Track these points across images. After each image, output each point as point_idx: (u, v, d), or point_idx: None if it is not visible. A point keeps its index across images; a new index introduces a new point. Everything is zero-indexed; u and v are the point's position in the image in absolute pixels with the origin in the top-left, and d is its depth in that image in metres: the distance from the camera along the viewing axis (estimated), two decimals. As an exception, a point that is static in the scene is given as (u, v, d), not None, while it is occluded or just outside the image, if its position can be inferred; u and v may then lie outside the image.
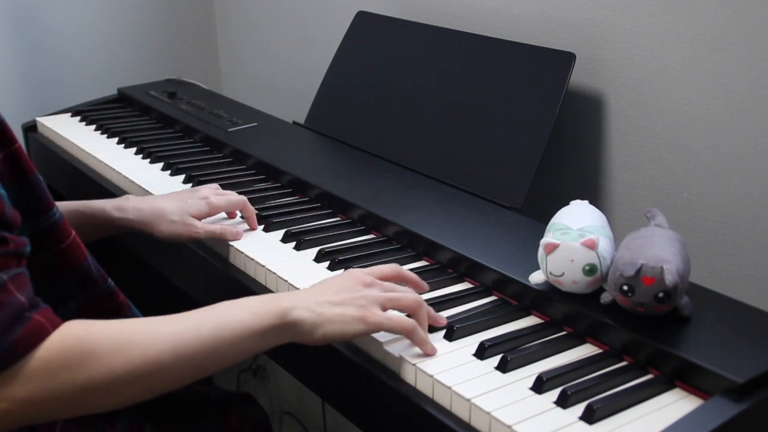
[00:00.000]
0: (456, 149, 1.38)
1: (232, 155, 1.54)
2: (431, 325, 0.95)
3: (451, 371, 0.87)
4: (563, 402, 0.81)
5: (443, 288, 1.05)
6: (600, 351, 0.91)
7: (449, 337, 0.93)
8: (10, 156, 0.87)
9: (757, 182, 1.13)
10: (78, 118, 1.82)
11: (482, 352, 0.90)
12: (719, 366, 0.81)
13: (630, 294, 0.88)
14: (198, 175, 1.43)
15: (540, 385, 0.84)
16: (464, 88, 1.41)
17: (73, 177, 1.62)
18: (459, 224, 1.17)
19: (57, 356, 0.77)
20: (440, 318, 0.96)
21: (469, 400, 0.82)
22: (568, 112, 1.34)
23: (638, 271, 0.87)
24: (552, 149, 1.32)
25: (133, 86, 1.95)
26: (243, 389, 2.12)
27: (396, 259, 1.11)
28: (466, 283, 1.07)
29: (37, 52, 2.01)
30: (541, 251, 0.94)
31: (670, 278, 0.86)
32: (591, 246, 0.91)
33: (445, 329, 0.94)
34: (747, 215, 1.15)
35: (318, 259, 1.13)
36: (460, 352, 0.91)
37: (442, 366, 0.88)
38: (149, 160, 1.54)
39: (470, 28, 1.48)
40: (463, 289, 1.05)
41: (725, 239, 1.18)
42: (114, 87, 1.97)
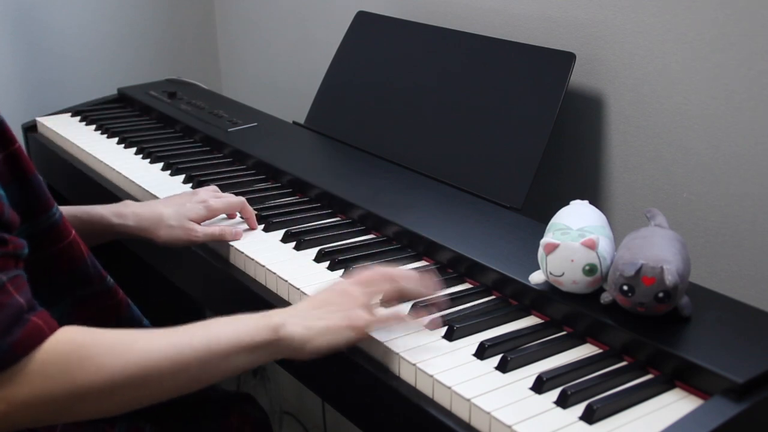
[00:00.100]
0: (456, 149, 1.38)
1: (232, 155, 1.54)
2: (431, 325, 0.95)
3: (451, 371, 0.87)
4: (563, 402, 0.81)
5: (443, 288, 1.05)
6: (600, 351, 0.91)
7: (449, 337, 0.93)
8: (10, 156, 0.87)
9: (757, 182, 1.13)
10: (78, 118, 1.82)
11: (482, 352, 0.90)
12: (719, 366, 0.81)
13: (630, 294, 0.88)
14: (198, 175, 1.43)
15: (540, 385, 0.84)
16: (464, 88, 1.41)
17: (73, 177, 1.62)
18: (459, 224, 1.17)
19: (55, 359, 0.77)
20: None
21: (469, 400, 0.82)
22: (568, 112, 1.34)
23: (638, 271, 0.87)
24: (552, 149, 1.32)
25: (133, 86, 1.95)
26: (243, 389, 2.12)
27: (396, 259, 1.12)
28: (466, 283, 1.07)
29: (37, 52, 2.01)
30: (541, 251, 0.94)
31: (670, 278, 0.86)
32: (591, 246, 0.91)
33: (446, 328, 0.94)
34: (747, 215, 1.15)
35: (318, 259, 1.13)
36: (460, 352, 0.91)
37: (442, 366, 0.87)
38: (149, 160, 1.53)
39: (470, 28, 1.48)
40: (463, 289, 1.05)
41: (725, 239, 1.18)
42: (114, 87, 1.97)
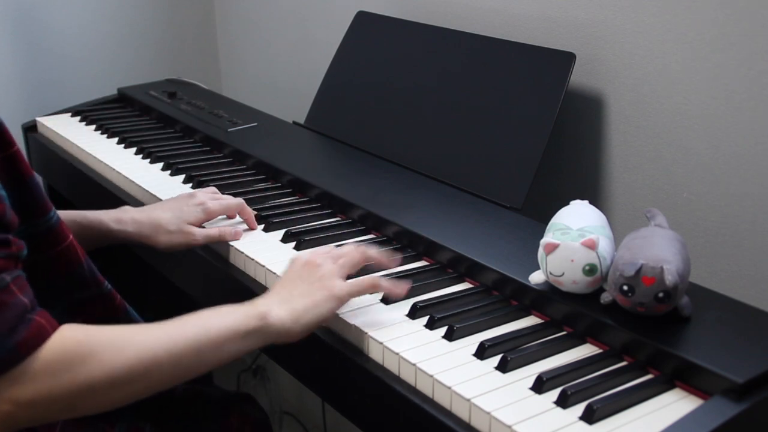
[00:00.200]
0: (456, 149, 1.38)
1: (232, 155, 1.53)
2: (431, 324, 0.95)
3: (451, 371, 0.87)
4: (563, 402, 0.81)
5: (443, 288, 1.05)
6: (600, 351, 0.91)
7: (449, 337, 0.93)
8: (8, 159, 0.87)
9: (757, 182, 1.13)
10: (78, 118, 1.82)
11: (482, 352, 0.90)
12: (719, 366, 0.81)
13: (630, 294, 0.88)
14: (198, 175, 1.43)
15: (540, 385, 0.84)
16: (464, 88, 1.41)
17: (73, 177, 1.62)
18: (459, 224, 1.17)
19: (58, 357, 0.78)
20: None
21: (469, 400, 0.82)
22: (568, 112, 1.34)
23: (638, 271, 0.87)
24: (552, 149, 1.32)
25: (133, 86, 1.95)
26: (243, 389, 2.12)
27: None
28: (466, 283, 1.07)
29: (37, 52, 2.01)
30: (541, 251, 0.94)
31: (670, 278, 0.86)
32: (591, 246, 0.91)
33: (446, 329, 0.94)
34: (747, 215, 1.15)
35: (318, 259, 1.13)
36: (460, 352, 0.91)
37: (442, 366, 0.87)
38: (149, 160, 1.53)
39: (470, 28, 1.48)
40: (463, 289, 1.05)
41: (725, 239, 1.18)
42: (114, 87, 1.97)
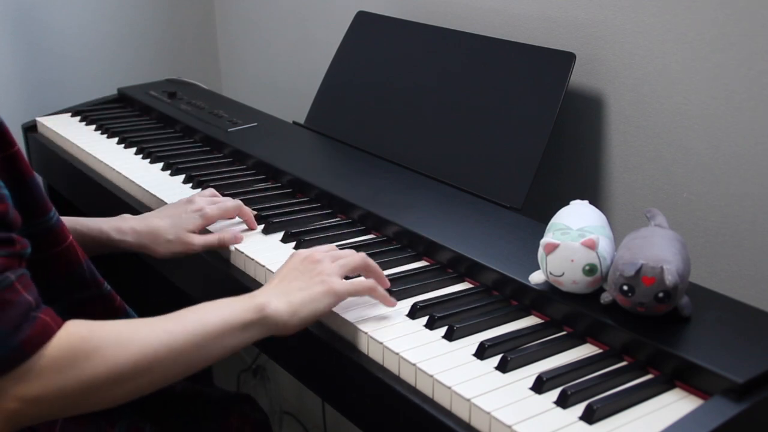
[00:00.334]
0: (456, 149, 1.38)
1: (232, 155, 1.53)
2: (431, 324, 0.95)
3: (451, 371, 0.87)
4: (563, 402, 0.81)
5: (443, 288, 1.05)
6: (600, 351, 0.91)
7: (449, 337, 0.93)
8: (9, 159, 0.87)
9: (757, 182, 1.13)
10: (78, 118, 1.82)
11: (482, 352, 0.90)
12: (719, 366, 0.81)
13: (630, 294, 0.88)
14: (198, 175, 1.43)
15: (540, 385, 0.84)
16: (464, 88, 1.41)
17: (73, 177, 1.62)
18: (459, 224, 1.17)
19: (64, 354, 0.79)
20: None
21: (469, 400, 0.82)
22: (568, 112, 1.34)
23: (638, 271, 0.87)
24: (552, 149, 1.32)
25: (133, 86, 1.95)
26: (243, 389, 2.12)
27: (396, 259, 1.12)
28: (466, 283, 1.07)
29: (37, 52, 2.01)
30: (541, 251, 0.94)
31: (670, 278, 0.86)
32: (591, 246, 0.91)
33: (446, 328, 0.94)
34: (747, 215, 1.15)
35: (318, 259, 1.13)
36: (460, 352, 0.91)
37: (442, 366, 0.87)
38: (149, 160, 1.53)
39: (470, 28, 1.48)
40: (463, 289, 1.05)
41: (725, 239, 1.18)
42: (114, 87, 1.97)
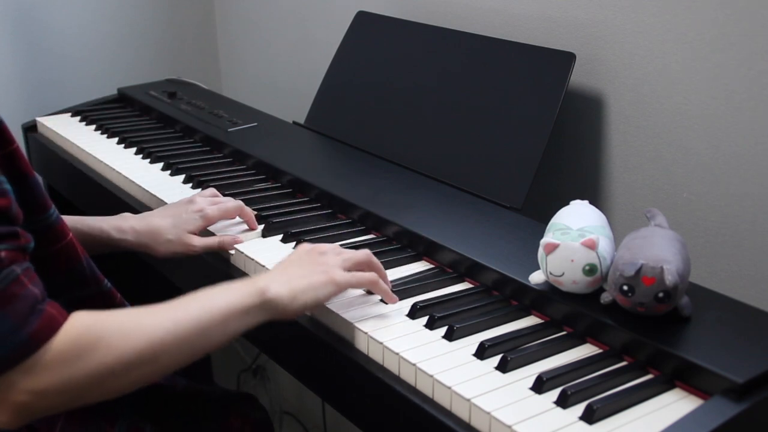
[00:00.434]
0: (456, 149, 1.38)
1: (232, 155, 1.53)
2: (431, 324, 0.95)
3: (451, 371, 0.87)
4: (563, 402, 0.81)
5: (443, 288, 1.05)
6: (600, 351, 0.91)
7: (449, 337, 0.93)
8: (8, 156, 0.87)
9: (757, 182, 1.13)
10: (78, 118, 1.82)
11: (482, 352, 0.90)
12: (719, 366, 0.81)
13: (630, 294, 0.88)
14: (198, 175, 1.43)
15: (540, 385, 0.84)
16: (464, 88, 1.41)
17: (73, 177, 1.62)
18: (459, 224, 1.17)
19: (71, 346, 0.79)
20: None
21: (469, 400, 0.82)
22: (568, 112, 1.34)
23: (638, 271, 0.87)
24: (552, 149, 1.32)
25: (133, 86, 1.95)
26: (243, 389, 2.12)
27: (396, 259, 1.12)
28: (466, 283, 1.07)
29: (37, 52, 2.01)
30: (541, 251, 0.94)
31: (670, 278, 0.86)
32: (591, 246, 0.91)
33: (446, 328, 0.94)
34: (747, 215, 1.15)
35: (318, 259, 1.13)
36: (460, 352, 0.91)
37: (442, 366, 0.87)
38: (149, 160, 1.53)
39: (470, 28, 1.48)
40: (463, 289, 1.05)
41: (725, 239, 1.18)
42: (114, 87, 1.97)
